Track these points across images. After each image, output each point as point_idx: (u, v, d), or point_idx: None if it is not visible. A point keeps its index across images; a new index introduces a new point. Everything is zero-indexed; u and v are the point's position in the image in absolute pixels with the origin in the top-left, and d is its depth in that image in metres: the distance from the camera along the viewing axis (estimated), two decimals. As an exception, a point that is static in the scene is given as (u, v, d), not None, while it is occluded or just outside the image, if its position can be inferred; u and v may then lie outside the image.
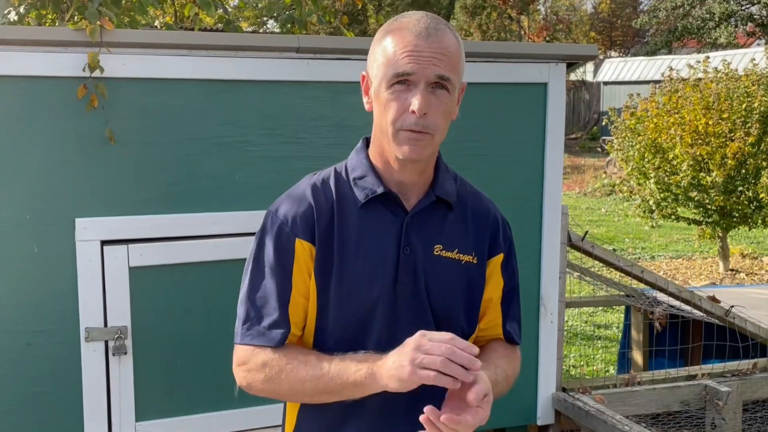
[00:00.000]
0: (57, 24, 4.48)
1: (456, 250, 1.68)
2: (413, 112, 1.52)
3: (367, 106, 1.64)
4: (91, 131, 2.88)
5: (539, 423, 3.74)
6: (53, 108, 2.84)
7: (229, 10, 4.92)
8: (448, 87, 1.55)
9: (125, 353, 2.93)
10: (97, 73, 2.81)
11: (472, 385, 1.42)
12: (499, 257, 1.74)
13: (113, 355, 2.93)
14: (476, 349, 1.41)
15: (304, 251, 1.61)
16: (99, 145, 2.89)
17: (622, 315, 6.08)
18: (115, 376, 2.95)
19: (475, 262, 1.70)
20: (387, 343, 1.62)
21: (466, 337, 1.73)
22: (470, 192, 1.76)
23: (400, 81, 1.53)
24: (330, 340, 1.64)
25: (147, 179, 2.98)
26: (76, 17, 3.88)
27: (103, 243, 2.91)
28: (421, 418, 1.42)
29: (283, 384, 1.57)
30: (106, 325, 2.92)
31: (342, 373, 1.51)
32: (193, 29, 4.94)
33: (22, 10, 4.26)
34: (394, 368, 1.44)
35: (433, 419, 1.41)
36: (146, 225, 2.97)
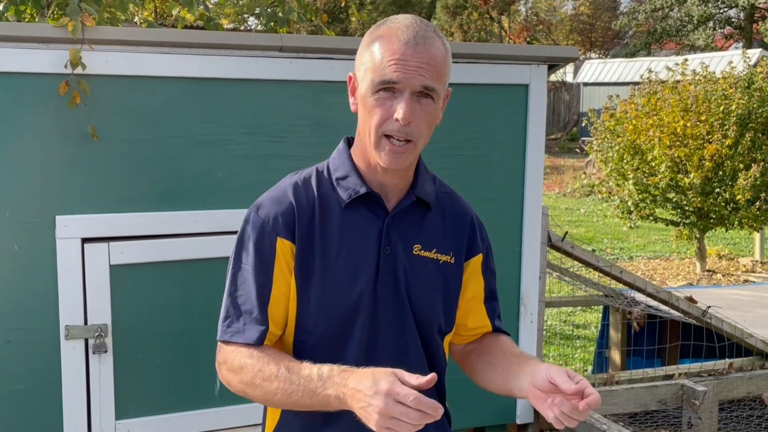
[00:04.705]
0: (37, 20, 4.45)
1: (434, 250, 1.70)
2: (397, 120, 1.53)
3: (352, 107, 1.65)
4: (73, 128, 2.87)
5: (518, 422, 3.76)
6: (35, 105, 2.82)
7: (210, 6, 4.90)
8: (432, 96, 1.57)
9: (105, 351, 2.92)
10: (78, 70, 2.79)
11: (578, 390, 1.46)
12: (479, 258, 1.77)
13: (93, 353, 2.91)
14: (441, 409, 1.37)
15: (285, 249, 1.62)
16: (80, 143, 2.88)
17: (601, 315, 6.13)
18: (95, 375, 2.94)
19: (452, 262, 1.72)
20: (368, 342, 1.65)
21: (443, 335, 1.75)
22: (447, 193, 1.78)
23: (386, 88, 1.54)
24: (311, 338, 1.65)
25: (128, 177, 2.97)
26: (55, 14, 3.85)
27: (84, 240, 2.90)
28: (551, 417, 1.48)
29: (257, 390, 1.58)
30: (86, 323, 2.91)
31: (311, 394, 1.49)
32: (174, 26, 4.92)
33: (1, 7, 4.22)
34: (362, 410, 1.42)
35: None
36: (127, 223, 2.96)
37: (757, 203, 8.37)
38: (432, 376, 1.37)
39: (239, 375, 1.60)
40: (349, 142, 1.73)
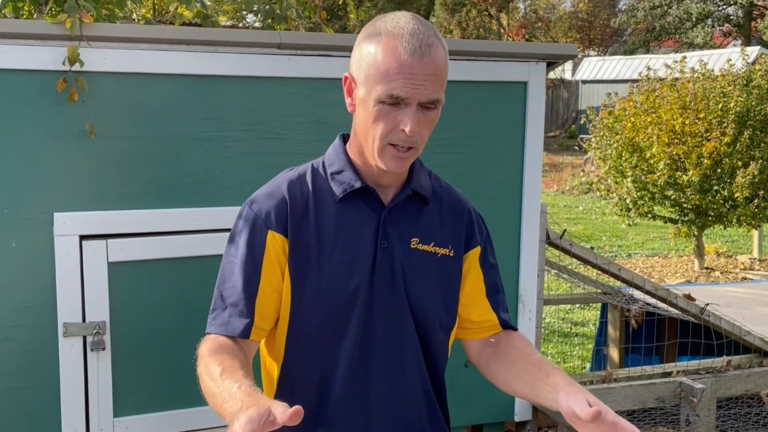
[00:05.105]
0: (35, 17, 4.44)
1: (432, 243, 1.70)
2: (403, 131, 1.53)
3: (350, 108, 1.64)
4: (71, 125, 2.86)
5: (517, 419, 3.76)
6: (32, 101, 2.82)
7: (207, 4, 4.89)
8: (437, 105, 1.57)
9: (103, 349, 2.92)
10: (76, 67, 2.79)
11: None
12: (477, 250, 1.76)
13: (91, 350, 2.91)
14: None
15: (276, 243, 1.62)
16: (78, 140, 2.87)
17: (599, 312, 6.13)
18: (93, 372, 2.93)
19: (451, 255, 1.72)
20: (364, 336, 1.65)
21: (446, 330, 1.75)
22: (444, 187, 1.78)
23: (391, 100, 1.53)
24: (306, 332, 1.65)
25: (126, 174, 2.96)
26: (53, 10, 3.84)
27: (82, 238, 2.89)
28: None
29: (202, 386, 1.53)
30: (84, 320, 2.91)
31: (221, 403, 1.41)
32: (172, 23, 4.91)
33: (-1, 3, 4.22)
34: None
35: None
36: (125, 220, 2.95)
37: (756, 201, 8.37)
38: (294, 411, 1.25)
39: (198, 366, 1.57)
40: (345, 138, 1.72)
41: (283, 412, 1.25)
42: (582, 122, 10.93)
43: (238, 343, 1.60)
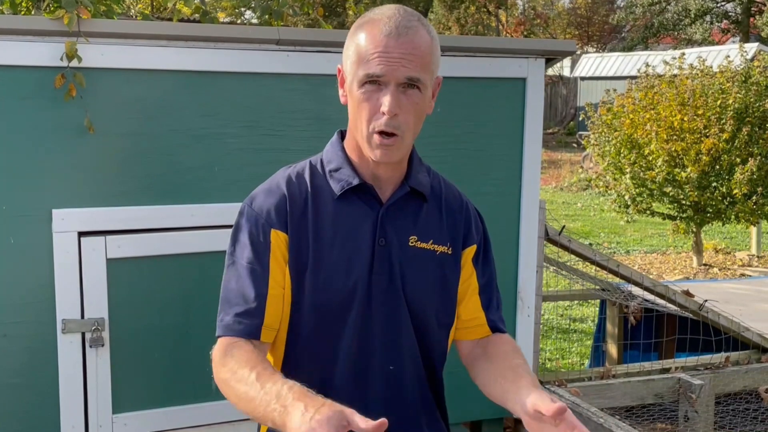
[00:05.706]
0: (32, 13, 4.43)
1: (431, 240, 1.70)
2: (383, 112, 1.53)
3: (342, 99, 1.66)
4: (69, 121, 2.86)
5: (515, 416, 3.76)
6: (30, 98, 2.81)
7: (206, 0, 4.88)
8: (419, 86, 1.56)
9: (102, 345, 2.92)
10: (74, 63, 2.78)
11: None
12: (472, 248, 1.77)
13: (90, 347, 2.91)
14: None
15: (279, 241, 1.62)
16: (77, 136, 2.87)
17: (597, 309, 6.13)
18: (92, 368, 2.93)
19: (449, 252, 1.72)
20: (362, 333, 1.65)
21: (445, 328, 1.74)
22: (444, 184, 1.78)
23: (371, 81, 1.54)
24: (304, 330, 1.65)
25: (125, 170, 2.96)
26: (51, 6, 3.83)
27: (81, 234, 2.89)
28: None
29: (229, 391, 1.55)
30: (83, 316, 2.91)
31: (265, 404, 1.43)
32: (170, 19, 4.90)
33: (-4, -1, 4.20)
34: (303, 415, 1.33)
35: None
36: (124, 216, 2.95)
37: (754, 197, 8.37)
38: (380, 422, 1.28)
39: (219, 372, 1.58)
40: (343, 135, 1.73)
41: (366, 422, 1.28)
42: (580, 119, 10.94)
43: (252, 344, 1.60)
